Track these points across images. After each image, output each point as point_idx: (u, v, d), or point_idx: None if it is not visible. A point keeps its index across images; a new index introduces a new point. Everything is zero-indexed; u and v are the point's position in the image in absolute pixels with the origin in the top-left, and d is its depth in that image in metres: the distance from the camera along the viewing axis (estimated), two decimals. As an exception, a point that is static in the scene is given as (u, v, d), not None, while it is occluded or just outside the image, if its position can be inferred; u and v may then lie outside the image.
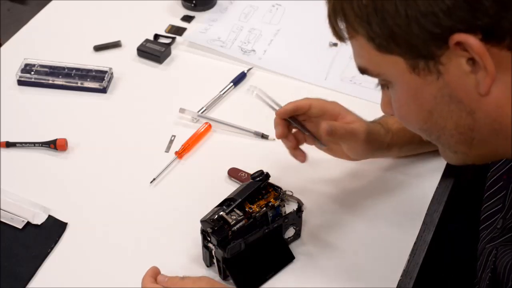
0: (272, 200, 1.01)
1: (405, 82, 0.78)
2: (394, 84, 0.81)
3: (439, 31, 0.72)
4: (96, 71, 1.33)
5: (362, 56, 0.81)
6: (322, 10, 0.82)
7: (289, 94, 1.13)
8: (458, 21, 0.71)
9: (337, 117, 1.07)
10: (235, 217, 0.98)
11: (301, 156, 1.08)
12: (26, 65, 1.33)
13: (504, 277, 0.86)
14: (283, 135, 1.06)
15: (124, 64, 1.37)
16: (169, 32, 1.44)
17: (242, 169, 1.15)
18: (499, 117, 0.76)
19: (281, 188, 1.03)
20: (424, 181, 1.14)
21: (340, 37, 0.81)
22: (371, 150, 1.08)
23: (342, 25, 0.79)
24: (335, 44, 1.39)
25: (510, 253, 0.86)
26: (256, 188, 1.01)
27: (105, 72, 1.32)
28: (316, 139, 1.07)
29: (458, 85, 0.75)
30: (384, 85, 0.84)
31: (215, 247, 0.98)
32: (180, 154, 1.19)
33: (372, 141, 1.07)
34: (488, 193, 1.00)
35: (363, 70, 0.83)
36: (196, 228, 0.99)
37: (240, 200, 0.99)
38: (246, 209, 0.99)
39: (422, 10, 0.71)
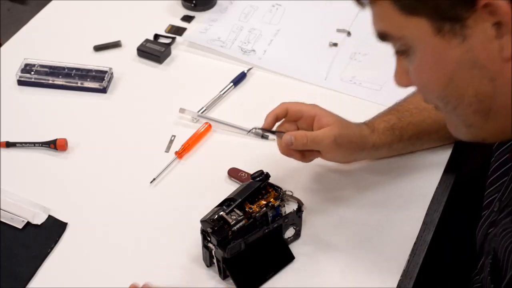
0: (272, 200, 1.01)
1: (429, 45, 0.77)
2: (415, 49, 0.80)
3: None
4: (96, 71, 1.33)
5: (383, 19, 0.80)
6: (322, 10, 0.82)
7: (289, 94, 1.13)
8: None
9: (313, 120, 1.07)
10: (235, 217, 0.98)
11: (297, 155, 1.08)
12: (26, 65, 1.33)
13: (504, 263, 0.85)
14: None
15: (124, 64, 1.37)
16: (169, 32, 1.44)
17: (242, 169, 1.15)
18: None
19: (281, 188, 1.03)
20: (424, 181, 1.14)
21: (361, 2, 0.81)
22: (350, 152, 1.08)
23: None
24: (335, 44, 1.39)
25: (510, 236, 0.86)
26: (256, 188, 1.01)
27: (105, 72, 1.32)
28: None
29: (482, 49, 0.75)
30: (403, 52, 0.82)
31: (215, 247, 0.98)
32: (180, 154, 1.19)
33: (347, 144, 1.06)
34: (491, 179, 0.99)
35: (383, 36, 0.82)
36: (196, 228, 0.99)
37: (240, 200, 0.99)
38: (246, 209, 0.99)
39: None
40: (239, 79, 1.33)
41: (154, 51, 1.37)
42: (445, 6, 0.74)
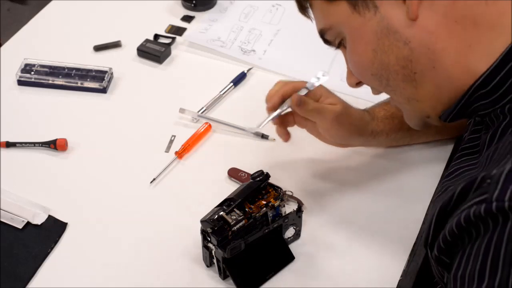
0: (272, 200, 1.01)
1: (351, 25, 0.86)
2: (344, 34, 0.89)
3: None
4: (96, 71, 1.33)
5: (318, 17, 0.92)
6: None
7: (289, 94, 1.12)
8: None
9: (319, 99, 1.09)
10: (235, 217, 0.98)
11: (285, 135, 1.11)
12: (26, 65, 1.33)
13: (429, 217, 0.85)
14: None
15: (124, 64, 1.37)
16: (169, 32, 1.44)
17: (242, 169, 1.15)
18: (432, 44, 0.82)
19: (281, 188, 1.03)
20: (425, 181, 1.14)
21: (305, 11, 0.93)
22: (348, 134, 1.10)
23: None
24: (335, 44, 1.39)
25: (443, 193, 0.87)
26: (256, 188, 1.01)
27: (105, 72, 1.32)
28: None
29: (392, 15, 0.82)
30: (341, 43, 0.92)
31: (215, 247, 0.98)
32: (180, 154, 1.19)
33: (347, 124, 1.08)
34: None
35: (322, 33, 0.92)
36: (196, 228, 0.99)
37: (240, 200, 0.99)
38: (246, 209, 0.99)
39: None
40: (239, 79, 1.33)
41: (154, 51, 1.37)
42: None
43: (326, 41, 0.94)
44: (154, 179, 1.15)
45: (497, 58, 0.79)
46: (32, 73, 1.32)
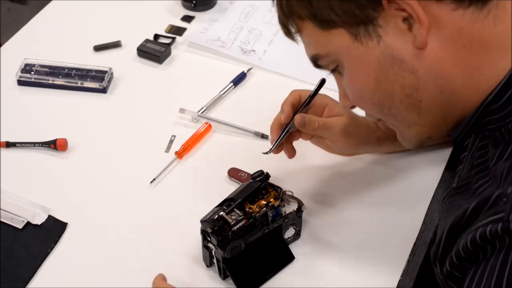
0: (272, 200, 1.01)
1: (351, 53, 0.82)
2: (342, 61, 0.84)
3: None
4: (96, 71, 1.33)
5: (310, 43, 0.87)
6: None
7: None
8: None
9: (324, 108, 1.09)
10: (235, 217, 0.98)
11: (290, 152, 1.09)
12: (26, 65, 1.33)
13: (439, 232, 0.86)
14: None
15: (124, 64, 1.37)
16: (169, 32, 1.44)
17: (242, 169, 1.15)
18: (440, 71, 0.79)
19: (281, 188, 1.03)
20: (424, 181, 1.14)
21: (292, 36, 0.88)
22: (356, 144, 1.10)
23: (291, 22, 0.86)
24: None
25: (453, 207, 0.87)
26: (256, 188, 1.01)
27: (105, 72, 1.32)
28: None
29: (398, 44, 0.79)
30: (335, 69, 0.88)
31: (215, 247, 0.98)
32: (180, 154, 1.19)
33: (354, 134, 1.08)
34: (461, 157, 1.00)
35: (315, 59, 0.88)
36: (196, 228, 0.99)
37: (240, 200, 0.99)
38: (246, 209, 0.99)
39: None
40: (239, 79, 1.33)
41: (154, 51, 1.37)
42: (355, 11, 0.78)
43: (318, 66, 0.90)
44: (154, 179, 1.15)
45: (507, 73, 0.78)
46: (32, 73, 1.32)
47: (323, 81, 1.05)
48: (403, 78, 0.81)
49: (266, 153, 1.07)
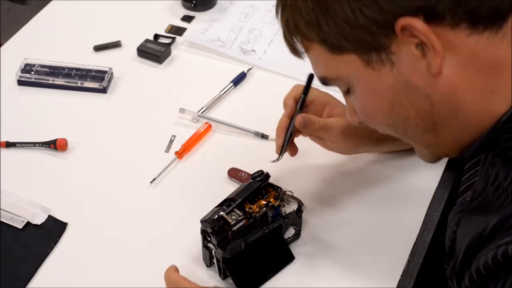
0: (272, 200, 1.01)
1: (363, 79, 0.81)
2: (353, 85, 0.83)
3: (382, 17, 0.74)
4: (96, 71, 1.33)
5: (319, 64, 0.85)
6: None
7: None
8: (398, 4, 0.74)
9: (325, 107, 1.09)
10: (235, 217, 0.98)
11: (293, 150, 1.09)
12: (26, 65, 1.33)
13: (458, 248, 0.86)
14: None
15: (124, 64, 1.37)
16: (169, 32, 1.44)
17: (242, 169, 1.15)
18: (455, 97, 0.78)
19: (281, 188, 1.03)
20: (424, 181, 1.14)
21: (298, 53, 0.86)
22: (355, 144, 1.10)
23: (297, 40, 0.84)
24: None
25: (471, 223, 0.86)
26: (256, 188, 1.01)
27: (105, 72, 1.32)
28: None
29: (412, 71, 0.77)
30: (347, 91, 0.86)
31: (215, 247, 0.98)
32: (180, 154, 1.19)
33: (353, 136, 1.08)
34: (468, 165, 1.00)
35: (323, 80, 0.86)
36: (196, 228, 0.99)
37: (240, 200, 0.99)
38: (246, 209, 0.99)
39: (363, 1, 0.74)
40: (239, 79, 1.33)
41: (154, 51, 1.37)
42: (367, 38, 0.76)
43: (327, 85, 0.88)
44: (154, 179, 1.15)
45: None
46: (32, 73, 1.32)
47: (311, 76, 1.05)
48: (418, 103, 0.79)
49: (275, 161, 1.07)
